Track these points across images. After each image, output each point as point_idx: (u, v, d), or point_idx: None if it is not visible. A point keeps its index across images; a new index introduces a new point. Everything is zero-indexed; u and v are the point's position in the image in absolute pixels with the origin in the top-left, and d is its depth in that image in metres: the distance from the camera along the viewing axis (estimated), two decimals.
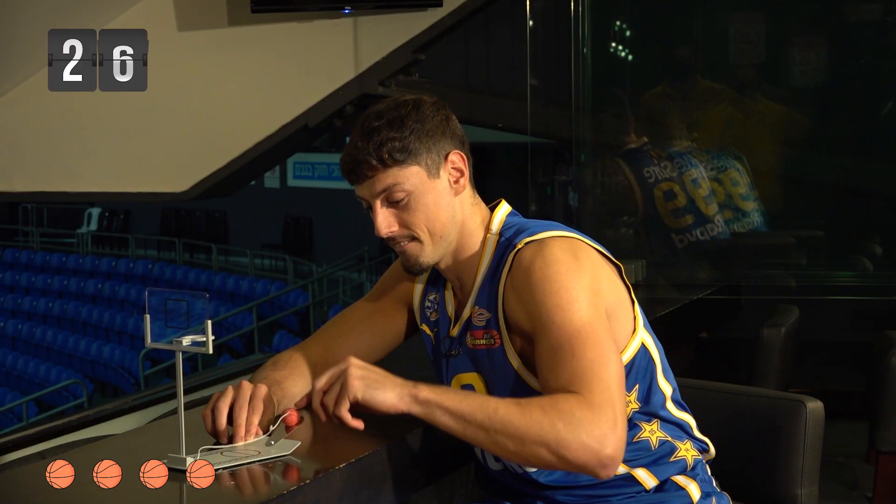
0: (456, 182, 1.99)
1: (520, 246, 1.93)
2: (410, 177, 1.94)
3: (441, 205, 1.97)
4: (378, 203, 1.96)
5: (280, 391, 1.99)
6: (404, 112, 1.95)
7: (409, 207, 1.95)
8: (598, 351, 1.80)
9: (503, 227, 2.02)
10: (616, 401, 1.78)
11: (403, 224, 1.96)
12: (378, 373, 1.83)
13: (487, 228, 2.02)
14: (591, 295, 1.86)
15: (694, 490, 2.00)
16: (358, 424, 1.83)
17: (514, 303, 1.92)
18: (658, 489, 2.00)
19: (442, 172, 1.97)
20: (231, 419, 1.87)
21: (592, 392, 1.77)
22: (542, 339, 1.85)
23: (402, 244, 1.98)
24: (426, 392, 1.80)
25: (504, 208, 2.06)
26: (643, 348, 1.98)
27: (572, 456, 1.74)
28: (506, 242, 1.98)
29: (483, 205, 2.06)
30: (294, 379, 2.03)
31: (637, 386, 1.97)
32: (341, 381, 1.83)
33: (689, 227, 4.45)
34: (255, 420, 1.86)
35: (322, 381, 1.86)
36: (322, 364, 2.07)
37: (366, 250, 15.88)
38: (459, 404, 1.79)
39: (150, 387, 11.90)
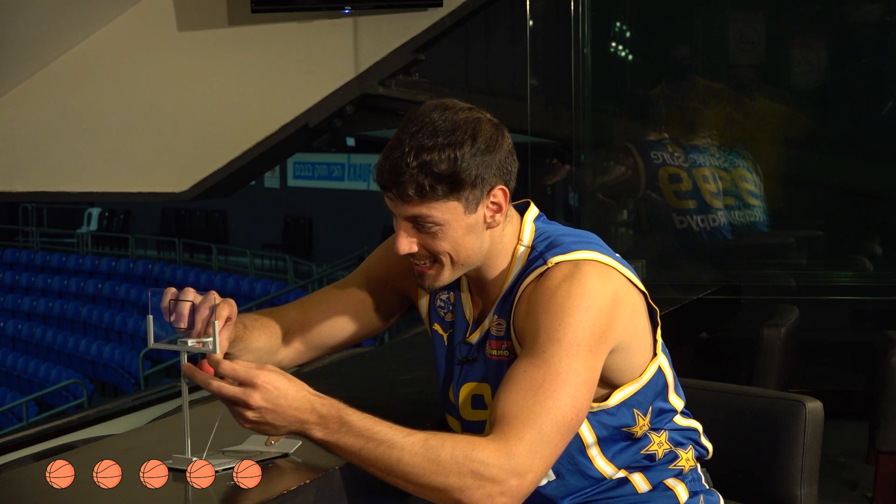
0: (492, 217, 1.88)
1: (550, 264, 1.86)
2: (446, 211, 1.83)
3: (469, 237, 1.87)
4: (403, 223, 1.87)
5: (243, 330, 1.96)
6: (461, 138, 1.81)
7: (436, 236, 1.85)
8: (558, 402, 1.76)
9: (535, 238, 1.93)
10: (539, 457, 1.74)
11: (424, 246, 1.87)
12: (276, 412, 1.72)
13: (519, 239, 1.94)
14: (597, 341, 1.81)
15: (682, 491, 2.00)
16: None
17: (523, 313, 1.87)
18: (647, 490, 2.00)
19: (480, 207, 1.86)
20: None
21: (521, 441, 1.73)
22: (526, 355, 1.81)
23: (421, 264, 1.90)
24: (320, 434, 1.74)
25: (532, 213, 1.97)
26: (659, 370, 1.97)
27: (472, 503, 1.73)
28: (537, 256, 1.90)
29: (515, 215, 1.95)
30: (259, 332, 2.01)
31: (651, 408, 1.96)
32: (240, 411, 1.73)
33: (690, 210, 4.45)
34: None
35: (222, 394, 1.74)
36: (295, 331, 2.07)
37: (366, 250, 15.86)
38: (360, 452, 1.73)
39: (150, 387, 11.90)
